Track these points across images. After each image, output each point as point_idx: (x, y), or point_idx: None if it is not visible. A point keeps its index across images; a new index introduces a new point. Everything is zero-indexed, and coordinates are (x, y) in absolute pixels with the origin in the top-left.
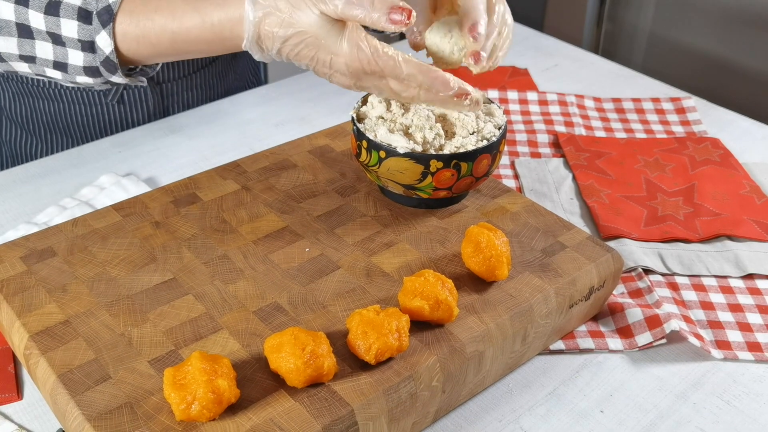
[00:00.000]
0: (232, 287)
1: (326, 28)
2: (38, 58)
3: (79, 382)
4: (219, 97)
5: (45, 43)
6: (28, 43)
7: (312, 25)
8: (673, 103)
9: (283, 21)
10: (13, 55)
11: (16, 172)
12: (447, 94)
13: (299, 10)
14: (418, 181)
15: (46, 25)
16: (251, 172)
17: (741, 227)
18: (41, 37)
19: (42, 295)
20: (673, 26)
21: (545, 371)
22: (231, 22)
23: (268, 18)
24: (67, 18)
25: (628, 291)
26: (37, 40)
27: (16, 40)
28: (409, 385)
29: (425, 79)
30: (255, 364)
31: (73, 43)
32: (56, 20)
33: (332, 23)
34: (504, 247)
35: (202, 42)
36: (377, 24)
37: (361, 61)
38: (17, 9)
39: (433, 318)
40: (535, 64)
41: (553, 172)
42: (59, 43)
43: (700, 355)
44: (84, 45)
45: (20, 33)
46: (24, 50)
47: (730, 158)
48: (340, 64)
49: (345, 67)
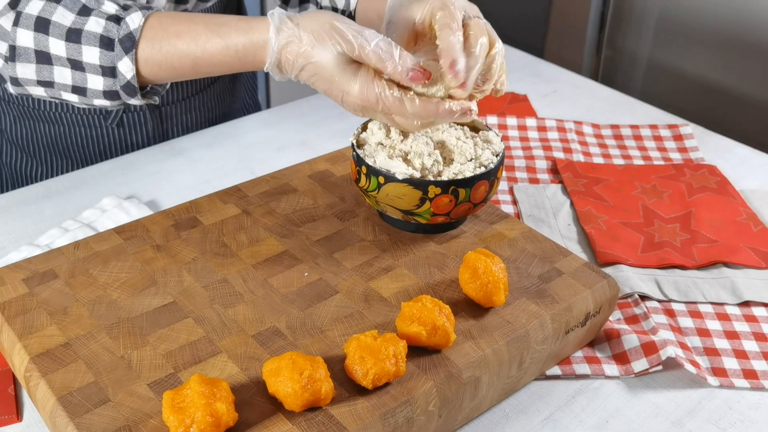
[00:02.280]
0: (232, 311)
1: (341, 68)
2: (56, 83)
3: (78, 405)
4: (217, 120)
5: (64, 69)
6: (47, 69)
7: (329, 62)
8: (671, 130)
9: (303, 52)
10: (31, 81)
11: (19, 194)
12: (449, 120)
13: (320, 45)
14: (416, 207)
15: (67, 52)
16: (252, 197)
17: (738, 254)
18: (60, 63)
19: (43, 318)
20: (673, 53)
21: (541, 397)
22: (255, 47)
23: (290, 46)
24: (89, 45)
25: (624, 317)
26: (56, 66)
27: (34, 66)
28: (406, 410)
29: (428, 114)
30: (253, 388)
31: (94, 68)
32: (77, 47)
33: (348, 63)
34: (501, 273)
35: (224, 65)
36: (398, 78)
37: (369, 100)
38: (36, 36)
39: (430, 343)
40: (534, 90)
41: (551, 198)
42: (79, 68)
43: (696, 382)
44: (105, 71)
45: (39, 59)
46: (42, 76)
47: (727, 185)
48: (350, 102)
49: (354, 104)
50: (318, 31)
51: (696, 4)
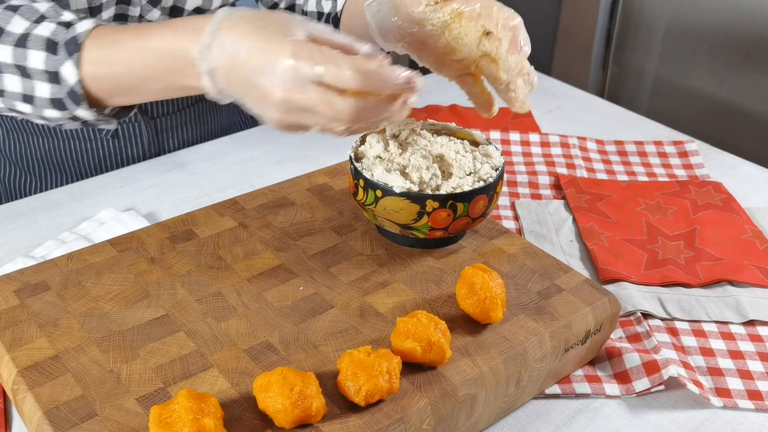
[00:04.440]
0: (224, 325)
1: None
2: (6, 91)
3: (64, 419)
4: (213, 132)
5: (13, 76)
6: None
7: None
8: (676, 147)
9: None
10: None
11: (16, 205)
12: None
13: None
14: (414, 221)
15: (14, 58)
16: (249, 209)
17: (742, 273)
18: (9, 70)
19: (33, 330)
20: (679, 70)
21: (540, 416)
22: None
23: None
24: (35, 49)
25: (626, 335)
26: (5, 73)
27: None
28: (399, 428)
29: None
30: (243, 404)
31: (40, 74)
32: (24, 52)
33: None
34: (499, 289)
35: (153, 73)
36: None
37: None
38: None
39: (425, 360)
40: (538, 105)
41: (554, 213)
42: (26, 75)
43: (699, 403)
44: (50, 76)
45: None
46: None
47: (732, 203)
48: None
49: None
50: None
51: (702, 22)
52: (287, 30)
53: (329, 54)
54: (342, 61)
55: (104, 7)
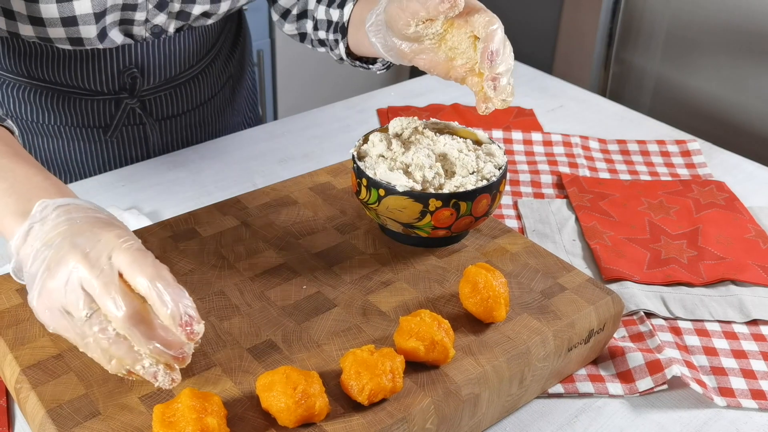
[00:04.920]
0: (227, 324)
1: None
2: None
3: (68, 418)
4: (218, 134)
5: None
6: None
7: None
8: (678, 146)
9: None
10: None
11: None
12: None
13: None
14: (416, 220)
15: None
16: (251, 208)
17: (746, 272)
18: None
19: (36, 329)
20: (681, 69)
21: (543, 415)
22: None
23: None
24: None
25: (629, 335)
26: None
27: None
28: (402, 427)
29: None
30: (247, 403)
31: None
32: None
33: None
34: (502, 288)
35: None
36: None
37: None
38: None
39: (429, 359)
40: (540, 104)
41: (556, 213)
42: None
43: (702, 402)
44: None
45: None
46: None
47: (735, 202)
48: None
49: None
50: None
51: (704, 21)
52: (105, 252)
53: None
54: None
55: (108, 12)
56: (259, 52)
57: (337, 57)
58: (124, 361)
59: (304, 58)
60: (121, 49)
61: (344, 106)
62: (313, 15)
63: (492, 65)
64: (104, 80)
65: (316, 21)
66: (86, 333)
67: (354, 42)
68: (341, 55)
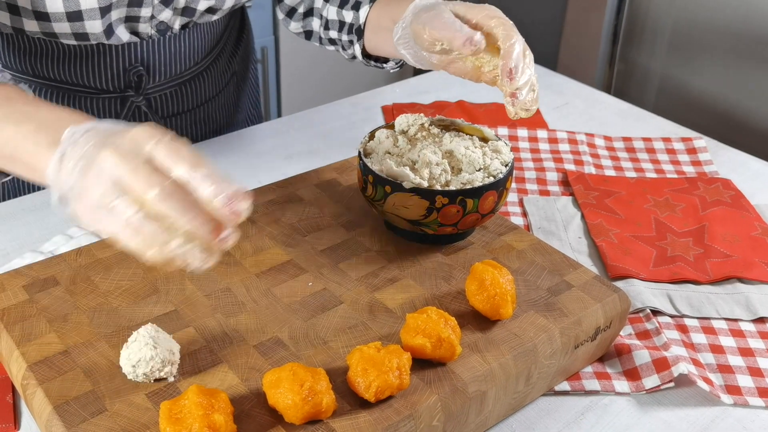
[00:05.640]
0: (234, 320)
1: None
2: None
3: (75, 414)
4: (222, 131)
5: None
6: None
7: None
8: (684, 143)
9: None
10: None
11: (24, 200)
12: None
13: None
14: (423, 217)
15: None
16: (257, 205)
17: (752, 270)
18: None
19: (42, 325)
20: (686, 68)
21: (549, 413)
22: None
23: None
24: None
25: (635, 332)
26: None
27: None
28: (409, 424)
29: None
30: (253, 399)
31: None
32: None
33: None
34: (509, 285)
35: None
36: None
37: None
38: None
39: (435, 356)
40: (545, 102)
41: (562, 210)
42: None
43: (709, 400)
44: None
45: None
46: None
47: (741, 199)
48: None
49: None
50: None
51: (709, 19)
52: (136, 146)
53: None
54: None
55: (114, 7)
56: (263, 49)
57: (349, 56)
58: (160, 239)
59: (308, 55)
60: (127, 47)
61: (349, 103)
62: (321, 14)
63: (511, 83)
64: (110, 78)
65: (326, 21)
66: (123, 221)
67: (372, 45)
68: (354, 54)
